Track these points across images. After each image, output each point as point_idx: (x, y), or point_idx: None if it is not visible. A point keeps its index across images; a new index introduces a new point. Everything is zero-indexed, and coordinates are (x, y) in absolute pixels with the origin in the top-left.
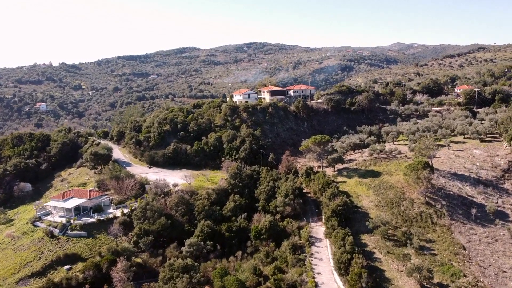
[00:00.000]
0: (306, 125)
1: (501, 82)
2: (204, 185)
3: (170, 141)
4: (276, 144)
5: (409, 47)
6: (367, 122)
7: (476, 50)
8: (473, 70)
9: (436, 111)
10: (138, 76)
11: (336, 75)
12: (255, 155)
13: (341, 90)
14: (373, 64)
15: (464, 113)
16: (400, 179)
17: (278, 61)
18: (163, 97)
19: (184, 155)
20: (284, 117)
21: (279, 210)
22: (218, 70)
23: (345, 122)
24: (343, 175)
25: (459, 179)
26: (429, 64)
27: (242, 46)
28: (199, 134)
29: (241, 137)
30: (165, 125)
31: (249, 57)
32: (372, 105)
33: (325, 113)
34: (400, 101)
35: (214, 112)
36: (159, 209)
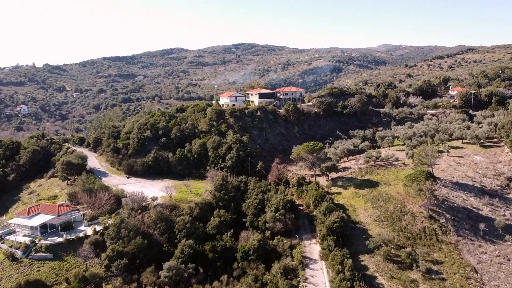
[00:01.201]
0: (297, 129)
1: (496, 84)
2: (187, 197)
3: (151, 148)
4: (265, 150)
5: (397, 48)
6: (360, 125)
7: (465, 51)
8: (465, 71)
9: (432, 114)
10: (124, 78)
11: (326, 76)
12: (243, 163)
13: (332, 93)
14: (362, 65)
15: (460, 116)
16: (400, 190)
17: (266, 62)
18: (150, 99)
19: (165, 164)
20: (274, 122)
21: (268, 226)
22: (206, 71)
23: (337, 126)
24: (337, 185)
25: (462, 189)
26: (418, 65)
27: (230, 47)
28: (182, 140)
29: (228, 143)
30: (146, 131)
31: (237, 58)
32: (365, 108)
33: (317, 116)
34: (394, 103)
35: (198, 117)
36: (135, 227)
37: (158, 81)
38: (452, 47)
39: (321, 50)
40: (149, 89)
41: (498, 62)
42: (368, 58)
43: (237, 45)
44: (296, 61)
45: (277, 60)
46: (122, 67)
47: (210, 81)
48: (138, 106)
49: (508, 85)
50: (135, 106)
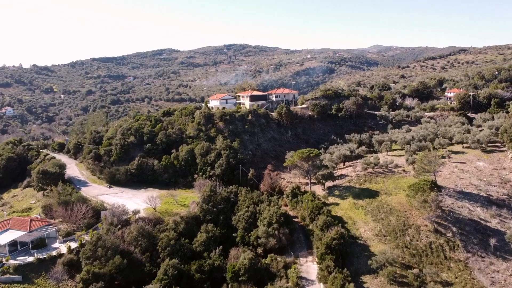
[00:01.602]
0: (290, 134)
1: (493, 85)
2: (172, 209)
3: (135, 155)
4: (257, 156)
5: (388, 49)
6: (356, 129)
7: (457, 52)
8: (459, 72)
9: (429, 117)
10: (113, 79)
11: (318, 77)
12: (233, 171)
13: (326, 95)
14: (354, 66)
15: (460, 119)
16: (402, 200)
17: (258, 63)
18: (139, 100)
19: (150, 172)
20: (266, 126)
21: (261, 242)
22: (197, 72)
23: (332, 129)
24: (334, 194)
25: (467, 198)
26: (411, 66)
27: (222, 48)
28: (168, 146)
29: (217, 150)
30: (130, 136)
31: (229, 59)
32: (360, 111)
33: (311, 120)
34: (390, 106)
35: (186, 121)
36: (113, 245)
37: (149, 82)
38: (443, 48)
39: (313, 51)
40: (139, 91)
41: (492, 63)
42: (360, 59)
43: (229, 46)
44: (288, 62)
45: (269, 61)
46: (111, 68)
47: (201, 82)
48: (128, 107)
49: (506, 87)
50: (124, 108)
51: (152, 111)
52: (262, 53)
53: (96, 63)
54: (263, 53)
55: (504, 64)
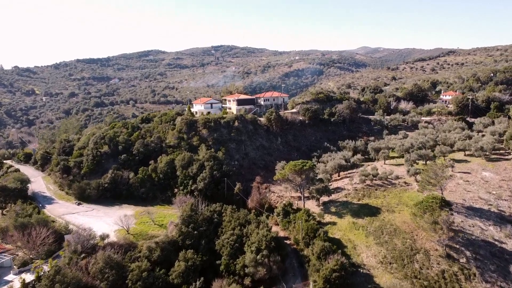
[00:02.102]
0: (280, 141)
1: (490, 88)
2: (148, 231)
3: (109, 167)
4: (244, 167)
5: (376, 51)
6: (349, 135)
7: (446, 54)
8: (452, 74)
9: (426, 121)
10: (98, 80)
11: (307, 78)
12: (217, 185)
13: (318, 98)
14: (342, 68)
15: (459, 124)
16: (406, 219)
17: (246, 64)
18: (124, 103)
19: (125, 186)
20: (254, 133)
21: (248, 271)
22: (184, 73)
23: (324, 135)
24: (331, 211)
25: (477, 215)
26: (400, 68)
27: (210, 49)
28: (146, 157)
29: (200, 161)
30: (103, 146)
31: (216, 61)
32: (354, 115)
33: (302, 125)
34: (385, 110)
35: (166, 128)
36: (74, 279)
37: (134, 84)
38: (430, 50)
39: (301, 52)
40: (124, 93)
41: (483, 65)
42: (348, 61)
43: (216, 47)
44: (277, 64)
45: (257, 63)
46: (96, 69)
47: (188, 84)
48: (112, 110)
49: (504, 90)
50: (108, 111)
51: (137, 114)
52: (250, 55)
53: (80, 65)
54: (251, 55)
55: (496, 65)
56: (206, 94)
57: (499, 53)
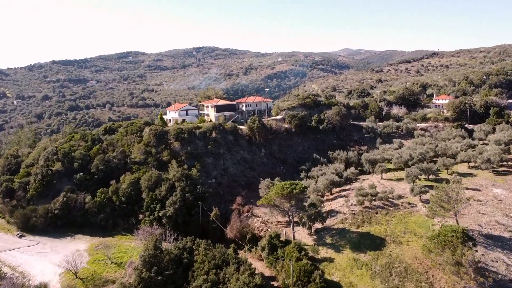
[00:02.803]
0: (264, 152)
1: (485, 92)
2: (102, 272)
3: (61, 188)
4: (223, 185)
5: (357, 53)
6: (340, 144)
7: (430, 56)
8: (436, 76)
9: (422, 128)
10: (75, 83)
11: (290, 81)
12: (190, 210)
13: (305, 103)
14: (325, 70)
15: (458, 132)
16: (417, 253)
17: (228, 66)
18: (100, 106)
19: (80, 211)
20: (234, 144)
21: None
22: (164, 75)
23: (312, 145)
24: (326, 243)
25: (499, 245)
26: (385, 70)
27: (191, 51)
28: (107, 176)
29: (170, 181)
30: (55, 163)
31: (198, 62)
32: (344, 122)
33: (288, 134)
34: (376, 116)
35: (132, 141)
36: None
37: (112, 87)
38: (411, 52)
39: (283, 54)
40: (101, 96)
41: (469, 67)
42: (331, 62)
43: (198, 49)
44: (259, 65)
45: (239, 64)
46: (73, 71)
47: (168, 86)
48: (87, 114)
49: (500, 93)
50: (82, 115)
51: (114, 118)
52: (232, 56)
53: (56, 66)
54: (233, 56)
55: (483, 67)
56: (186, 96)
57: (482, 55)
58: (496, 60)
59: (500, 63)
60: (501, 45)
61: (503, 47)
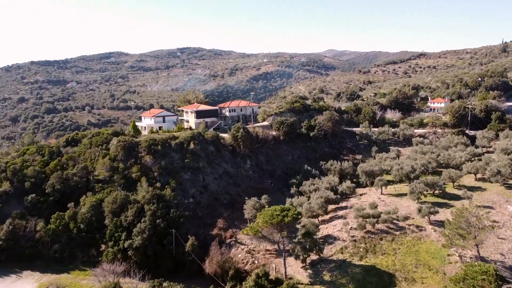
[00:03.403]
0: (250, 164)
1: (481, 95)
2: None
3: (9, 212)
4: (202, 205)
5: (342, 54)
6: (332, 152)
7: (417, 57)
8: (430, 77)
9: (420, 135)
10: (54, 84)
11: (276, 82)
12: (162, 239)
13: (293, 108)
14: (312, 71)
15: (460, 139)
16: None
17: (213, 67)
18: (79, 108)
19: (30, 242)
20: (216, 156)
21: None
22: (147, 76)
23: (303, 154)
24: (324, 280)
25: None
26: (372, 71)
27: (175, 51)
28: (65, 196)
29: (138, 203)
30: (3, 183)
31: (182, 63)
32: (337, 129)
33: (276, 142)
34: (370, 121)
35: (97, 154)
36: None
37: (93, 88)
38: (395, 53)
39: (269, 54)
40: (81, 97)
41: (458, 68)
42: (317, 63)
43: (182, 49)
44: (244, 66)
45: (225, 65)
46: (52, 72)
47: (151, 87)
48: (64, 117)
49: (498, 96)
50: (60, 118)
51: (93, 121)
52: (217, 57)
53: (35, 67)
54: (218, 57)
55: (473, 68)
56: (169, 98)
57: (469, 56)
58: (484, 61)
59: (489, 64)
60: (487, 46)
61: (489, 48)
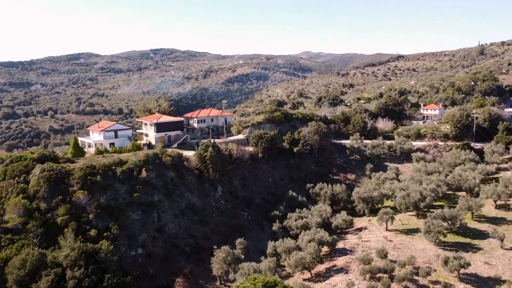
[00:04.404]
0: (221, 191)
1: (477, 101)
2: None
3: None
4: (155, 257)
5: (318, 56)
6: (320, 171)
7: (396, 59)
8: (415, 81)
9: (419, 148)
10: (17, 87)
11: (252, 84)
12: None
13: (273, 118)
14: (288, 73)
15: (468, 154)
16: None
17: (187, 68)
18: (41, 113)
19: None
20: (177, 184)
21: None
22: (118, 78)
23: (285, 174)
24: None
25: None
26: (351, 73)
27: (148, 53)
28: None
29: (58, 266)
30: None
31: (155, 65)
32: (324, 143)
33: (253, 161)
34: (361, 131)
35: (11, 190)
36: None
37: (59, 91)
38: (371, 55)
39: (244, 56)
40: (44, 101)
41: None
42: (294, 65)
43: (156, 51)
44: (219, 68)
45: (199, 67)
46: (15, 74)
47: (121, 90)
48: (24, 123)
49: (498, 103)
50: (19, 124)
51: (56, 128)
52: (191, 58)
53: None
54: (192, 58)
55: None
56: (140, 102)
57: (447, 58)
58: (466, 64)
59: (472, 66)
60: (464, 49)
61: (466, 51)
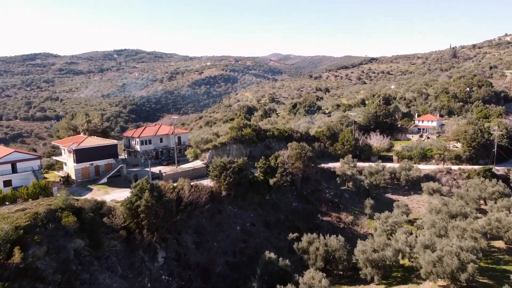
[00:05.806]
0: (163, 258)
1: (478, 110)
2: None
3: None
4: None
5: (287, 58)
6: (304, 209)
7: (369, 61)
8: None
9: (427, 175)
10: None
11: (220, 87)
12: None
13: (242, 137)
14: (258, 75)
15: (496, 186)
16: None
17: (152, 70)
18: None
19: None
20: (89, 258)
21: None
22: (77, 81)
23: (259, 217)
24: None
25: None
26: (324, 76)
27: (112, 53)
28: None
29: None
30: None
31: (118, 66)
32: (309, 170)
33: (215, 202)
34: (352, 150)
35: None
36: None
37: (10, 94)
38: (340, 57)
39: (213, 58)
40: None
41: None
42: (263, 67)
43: (119, 51)
44: (186, 70)
45: (165, 69)
46: None
47: (79, 93)
48: None
49: (505, 113)
50: None
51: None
52: (158, 60)
53: None
54: (159, 60)
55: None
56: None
57: (421, 61)
58: (445, 67)
59: (451, 70)
60: (437, 51)
61: (439, 53)
